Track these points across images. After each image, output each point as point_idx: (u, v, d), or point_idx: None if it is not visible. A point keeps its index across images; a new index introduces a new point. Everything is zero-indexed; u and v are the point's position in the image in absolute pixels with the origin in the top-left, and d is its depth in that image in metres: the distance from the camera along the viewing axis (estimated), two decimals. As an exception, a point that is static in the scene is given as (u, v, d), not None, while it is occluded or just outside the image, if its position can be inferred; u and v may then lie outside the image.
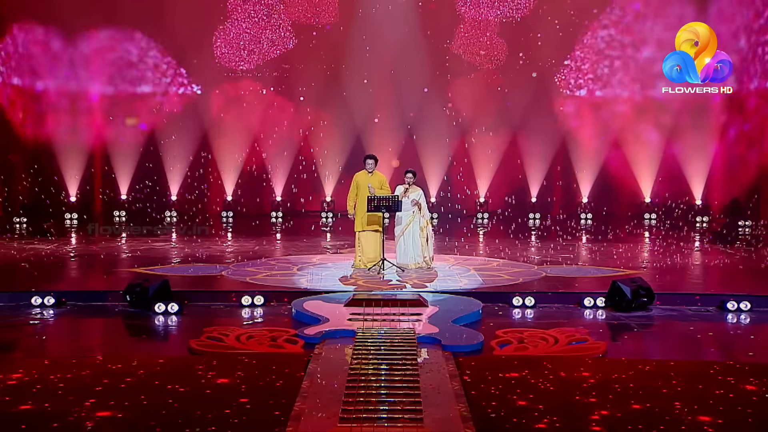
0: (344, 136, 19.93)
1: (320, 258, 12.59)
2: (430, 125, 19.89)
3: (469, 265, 11.71)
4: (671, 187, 19.65)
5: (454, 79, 19.78)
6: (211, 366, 6.35)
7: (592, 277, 10.90)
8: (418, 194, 11.23)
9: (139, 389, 5.77)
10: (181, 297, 9.11)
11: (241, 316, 8.80)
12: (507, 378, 6.08)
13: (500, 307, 9.20)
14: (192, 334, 7.64)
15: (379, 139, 19.71)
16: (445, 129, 19.91)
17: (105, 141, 19.65)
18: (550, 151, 19.97)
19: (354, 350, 6.72)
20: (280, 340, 7.36)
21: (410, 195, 11.18)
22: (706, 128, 18.88)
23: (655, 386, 5.92)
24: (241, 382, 5.95)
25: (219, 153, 20.14)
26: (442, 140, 19.97)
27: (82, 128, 19.41)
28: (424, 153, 19.99)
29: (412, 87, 19.79)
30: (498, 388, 5.86)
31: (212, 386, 5.86)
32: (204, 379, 5.99)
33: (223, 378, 6.02)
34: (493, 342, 7.34)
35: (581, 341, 7.44)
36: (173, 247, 14.17)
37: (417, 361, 6.42)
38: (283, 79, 19.99)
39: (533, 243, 15.20)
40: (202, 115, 19.96)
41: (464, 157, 20.05)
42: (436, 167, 20.08)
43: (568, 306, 9.27)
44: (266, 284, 10.05)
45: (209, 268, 11.36)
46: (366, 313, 8.16)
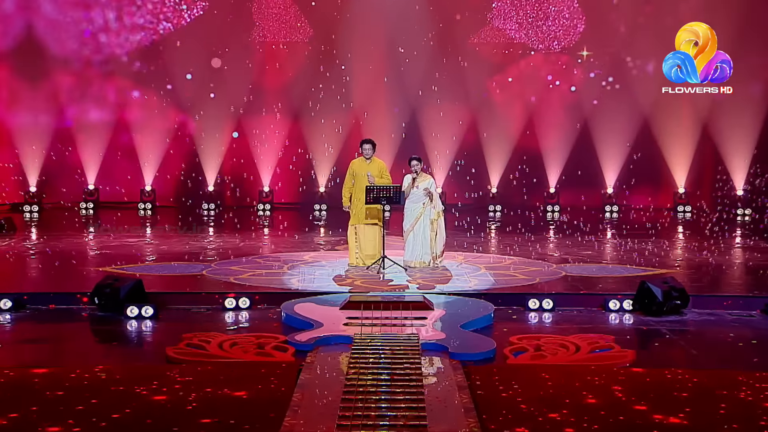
0: (339, 117, 19.92)
1: (313, 255, 12.59)
2: (437, 106, 19.89)
3: (480, 264, 11.71)
4: (709, 175, 19.67)
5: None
6: (191, 376, 6.35)
7: (618, 276, 10.90)
8: (429, 183, 11.20)
9: (109, 403, 5.77)
10: (156, 299, 9.10)
11: (224, 320, 8.79)
12: (522, 390, 6.07)
13: (514, 310, 9.20)
14: (169, 340, 7.63)
15: (378, 123, 19.71)
16: (453, 110, 19.90)
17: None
18: (570, 137, 19.99)
19: (351, 359, 6.71)
20: (268, 348, 7.36)
21: (420, 184, 11.16)
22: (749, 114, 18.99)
23: (692, 400, 5.92)
24: (224, 395, 5.95)
25: (197, 137, 20.13)
26: (450, 123, 19.95)
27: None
28: (429, 138, 19.99)
29: (416, 64, 19.77)
30: (512, 401, 5.86)
31: (192, 399, 5.85)
32: (182, 392, 5.99)
33: (204, 390, 6.02)
34: (507, 350, 7.34)
35: (606, 349, 7.43)
36: (148, 243, 14.17)
37: (421, 370, 6.41)
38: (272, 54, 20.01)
39: (551, 238, 15.20)
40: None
41: (475, 144, 20.08)
42: (443, 154, 20.07)
43: (590, 309, 9.26)
44: (252, 285, 10.04)
45: (188, 267, 11.35)
46: (364, 317, 8.16)
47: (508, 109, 19.93)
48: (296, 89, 19.96)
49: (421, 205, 11.11)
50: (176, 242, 13.96)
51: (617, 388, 6.16)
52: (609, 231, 16.91)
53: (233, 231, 15.86)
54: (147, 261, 12.02)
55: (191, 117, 20.11)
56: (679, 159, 19.71)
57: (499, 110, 19.93)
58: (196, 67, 19.84)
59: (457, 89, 19.82)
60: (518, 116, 20.00)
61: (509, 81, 19.86)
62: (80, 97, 19.69)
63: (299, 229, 16.25)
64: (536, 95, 19.81)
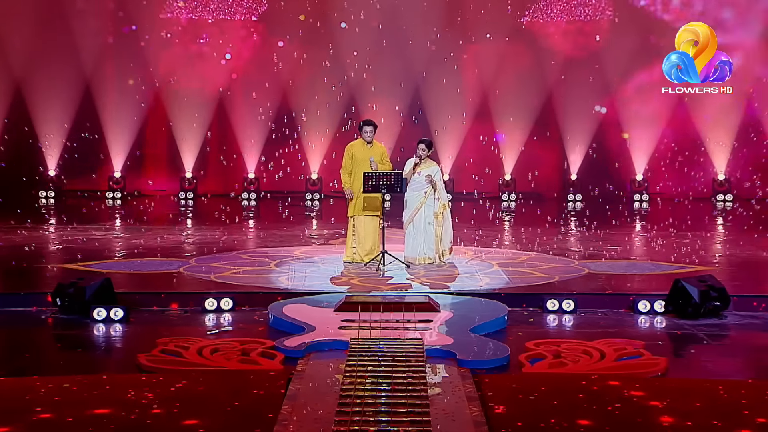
0: (334, 96, 19.91)
1: (304, 250, 12.58)
2: (443, 84, 19.87)
3: (492, 260, 11.71)
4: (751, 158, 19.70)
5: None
6: (166, 387, 6.35)
7: (649, 274, 10.90)
8: (433, 170, 11.19)
9: (72, 418, 5.77)
10: (127, 300, 9.09)
11: (204, 324, 8.79)
12: (540, 402, 6.07)
13: (531, 312, 9.20)
14: (141, 347, 7.62)
15: (378, 102, 19.70)
16: (461, 90, 19.89)
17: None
18: (595, 118, 19.99)
19: (347, 367, 6.71)
20: (254, 354, 7.36)
21: (422, 170, 11.14)
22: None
23: (732, 414, 5.92)
24: (204, 408, 5.95)
25: (175, 119, 20.12)
26: (458, 103, 19.95)
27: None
28: (435, 119, 19.98)
29: (420, 36, 19.77)
30: (529, 415, 5.86)
31: (166, 413, 5.86)
32: (156, 405, 5.99)
33: (182, 403, 6.02)
34: (523, 356, 7.34)
35: (635, 356, 7.43)
36: (117, 236, 14.17)
37: (426, 380, 6.41)
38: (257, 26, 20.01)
39: (573, 231, 15.19)
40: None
41: (486, 126, 20.08)
42: (451, 138, 20.07)
43: (617, 311, 9.26)
44: (236, 283, 10.05)
45: (164, 263, 11.35)
46: (362, 320, 8.16)
47: (526, 87, 19.92)
48: (284, 63, 19.95)
49: (423, 193, 11.10)
50: (150, 236, 13.96)
51: (647, 399, 6.16)
52: (638, 223, 16.93)
53: (214, 223, 15.85)
54: (116, 257, 12.01)
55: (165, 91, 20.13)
56: (719, 141, 19.72)
57: (515, 87, 19.92)
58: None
59: (470, 66, 19.84)
60: (537, 95, 20.02)
61: (528, 57, 19.89)
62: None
63: (288, 220, 16.24)
64: (562, 73, 19.80)
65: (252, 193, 20.17)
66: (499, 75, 19.96)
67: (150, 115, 20.27)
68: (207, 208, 18.62)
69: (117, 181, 20.14)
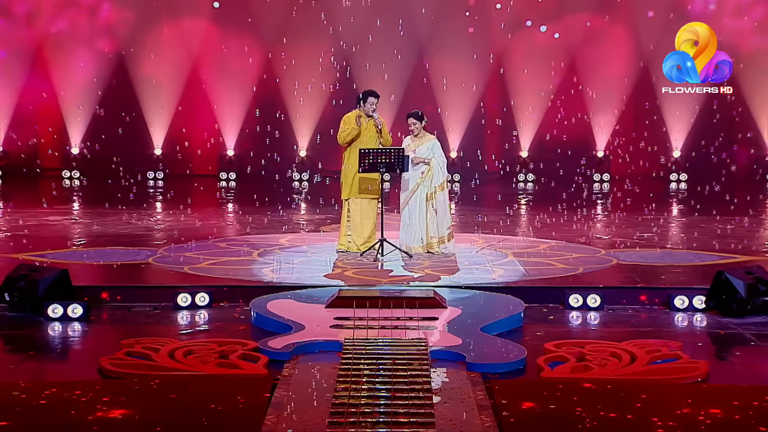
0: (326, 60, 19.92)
1: (291, 238, 12.58)
2: (449, 49, 19.87)
3: (506, 248, 11.72)
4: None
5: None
6: (133, 395, 6.35)
7: (687, 265, 10.91)
8: (430, 145, 11.19)
9: (23, 430, 5.77)
10: (87, 295, 9.09)
11: (176, 322, 8.80)
12: (560, 411, 6.08)
13: (551, 309, 9.21)
14: (104, 348, 7.63)
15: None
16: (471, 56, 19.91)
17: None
18: (624, 88, 20.02)
19: (340, 371, 6.72)
20: (234, 357, 7.36)
21: (419, 148, 11.14)
22: None
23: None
24: (177, 418, 5.95)
25: (141, 90, 20.12)
26: (467, 70, 19.95)
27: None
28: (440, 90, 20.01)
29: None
30: (547, 425, 5.87)
31: (133, 425, 5.86)
32: (121, 416, 5.99)
33: (150, 413, 6.02)
34: (541, 359, 7.35)
35: (671, 359, 7.44)
36: (75, 222, 14.17)
37: (430, 386, 6.42)
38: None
39: (599, 216, 15.18)
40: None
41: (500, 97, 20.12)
42: (460, 109, 20.07)
43: (651, 308, 9.27)
44: (213, 276, 10.05)
45: (129, 253, 11.35)
46: (357, 318, 8.17)
47: (545, 55, 19.96)
48: (269, 22, 19.91)
49: (420, 174, 11.10)
50: (113, 221, 13.95)
51: (685, 409, 6.16)
52: (675, 206, 16.93)
53: (188, 207, 15.85)
54: (74, 245, 12.01)
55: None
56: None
57: (533, 56, 19.95)
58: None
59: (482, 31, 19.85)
60: (557, 63, 20.04)
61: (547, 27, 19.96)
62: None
63: (273, 204, 16.24)
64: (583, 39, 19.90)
65: (231, 172, 20.15)
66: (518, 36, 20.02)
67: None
68: (180, 190, 18.60)
69: (76, 158, 20.13)
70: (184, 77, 20.14)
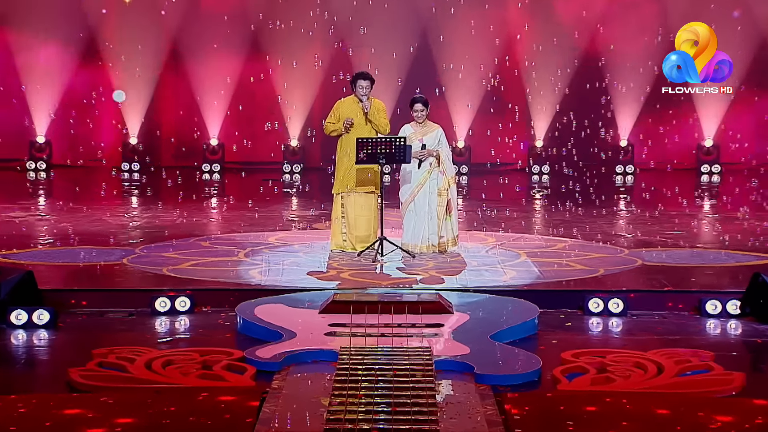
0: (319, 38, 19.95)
1: (281, 236, 12.60)
2: (457, 30, 19.93)
3: (519, 248, 11.74)
4: None
5: None
6: (106, 410, 6.36)
7: (720, 266, 10.91)
8: (436, 135, 11.20)
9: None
10: (55, 299, 9.10)
11: (154, 329, 8.81)
12: (579, 428, 6.10)
13: (568, 314, 9.22)
14: (74, 359, 7.62)
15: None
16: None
17: None
18: (650, 69, 20.09)
19: (335, 383, 6.72)
20: (218, 368, 7.37)
21: (424, 138, 11.15)
22: None
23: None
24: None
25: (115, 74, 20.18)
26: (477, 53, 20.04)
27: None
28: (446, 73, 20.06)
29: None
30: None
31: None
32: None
33: (125, 430, 6.03)
34: (558, 370, 7.36)
35: (702, 370, 7.44)
36: (41, 218, 14.18)
37: (435, 399, 6.43)
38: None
39: (622, 212, 15.18)
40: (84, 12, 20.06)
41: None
42: (466, 93, 20.12)
43: (679, 314, 9.28)
44: (195, 278, 10.07)
45: (102, 253, 11.36)
46: (354, 324, 8.18)
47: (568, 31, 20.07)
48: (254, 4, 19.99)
49: (428, 166, 11.10)
50: (84, 218, 13.96)
51: (718, 425, 6.17)
52: (707, 200, 16.94)
53: (167, 201, 15.86)
54: (40, 244, 12.02)
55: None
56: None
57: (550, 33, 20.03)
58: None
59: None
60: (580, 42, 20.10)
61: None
62: None
63: (261, 199, 16.25)
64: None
65: (215, 164, 20.17)
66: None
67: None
68: (158, 183, 18.62)
69: (40, 148, 20.12)
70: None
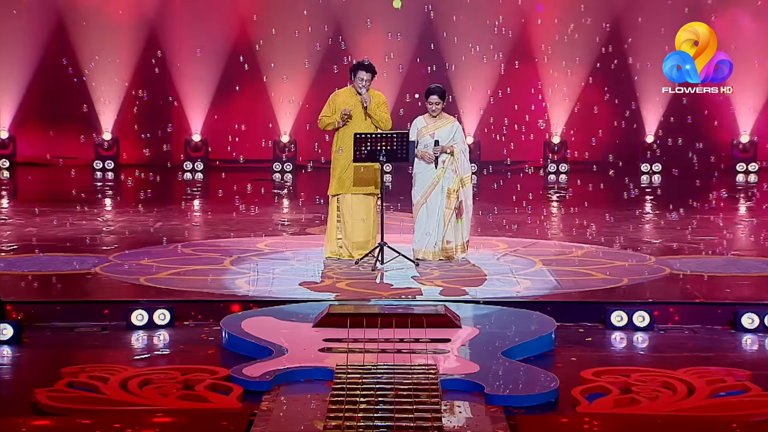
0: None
1: (271, 242, 12.60)
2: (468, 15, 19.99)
3: (534, 255, 11.74)
4: None
5: None
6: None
7: (757, 276, 10.91)
8: (451, 129, 11.19)
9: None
10: (19, 312, 9.08)
11: (129, 345, 8.80)
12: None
13: (589, 329, 9.22)
14: (40, 378, 7.60)
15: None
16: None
17: None
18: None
19: (331, 404, 6.71)
20: (201, 388, 7.35)
21: (438, 131, 11.14)
22: None
23: None
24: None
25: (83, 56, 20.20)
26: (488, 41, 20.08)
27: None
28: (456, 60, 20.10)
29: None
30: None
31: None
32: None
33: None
34: (577, 390, 7.35)
35: (737, 391, 7.43)
36: (2, 222, 14.18)
37: (441, 422, 6.42)
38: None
39: (649, 215, 15.17)
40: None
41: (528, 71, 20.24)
42: (479, 84, 20.17)
43: (712, 328, 9.27)
44: (175, 289, 10.06)
45: (72, 261, 11.36)
46: (352, 339, 8.17)
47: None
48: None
49: (441, 164, 11.08)
50: (51, 222, 13.95)
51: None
52: (743, 203, 16.93)
53: (144, 203, 15.86)
54: (2, 251, 12.00)
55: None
56: None
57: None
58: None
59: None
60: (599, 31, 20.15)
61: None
62: None
63: (249, 200, 16.25)
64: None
65: (198, 162, 20.18)
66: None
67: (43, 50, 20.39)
68: (134, 183, 18.62)
69: (3, 144, 20.11)
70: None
